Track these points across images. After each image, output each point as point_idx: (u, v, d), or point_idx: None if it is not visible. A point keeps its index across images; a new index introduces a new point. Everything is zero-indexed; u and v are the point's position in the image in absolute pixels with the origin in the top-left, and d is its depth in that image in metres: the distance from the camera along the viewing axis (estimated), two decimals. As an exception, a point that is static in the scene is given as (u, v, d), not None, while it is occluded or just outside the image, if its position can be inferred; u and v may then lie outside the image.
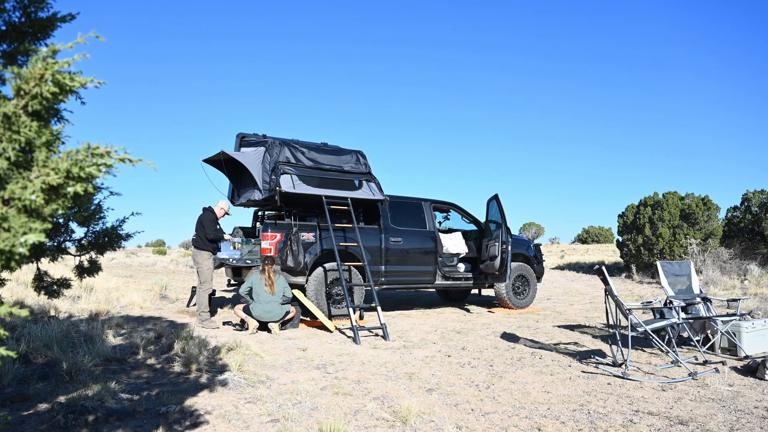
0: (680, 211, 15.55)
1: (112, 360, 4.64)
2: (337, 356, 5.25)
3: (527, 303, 9.33)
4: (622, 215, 17.29)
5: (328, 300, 7.52)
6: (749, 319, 6.00)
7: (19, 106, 1.22)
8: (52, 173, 1.17)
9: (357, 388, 4.09)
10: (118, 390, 3.70)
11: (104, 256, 2.47)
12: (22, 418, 3.14)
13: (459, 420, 3.42)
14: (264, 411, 3.47)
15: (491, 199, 8.95)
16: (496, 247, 8.46)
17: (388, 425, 3.27)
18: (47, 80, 1.21)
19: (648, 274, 15.30)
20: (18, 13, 1.44)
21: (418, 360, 5.16)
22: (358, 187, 8.04)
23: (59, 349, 4.55)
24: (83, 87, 1.24)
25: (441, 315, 8.53)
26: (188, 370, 4.38)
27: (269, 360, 4.95)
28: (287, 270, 7.18)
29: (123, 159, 1.23)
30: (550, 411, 3.62)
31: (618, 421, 3.41)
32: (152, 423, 3.14)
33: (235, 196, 8.47)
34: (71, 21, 1.46)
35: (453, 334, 6.60)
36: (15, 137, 1.21)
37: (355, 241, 7.61)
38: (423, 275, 8.56)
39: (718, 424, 3.37)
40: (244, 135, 7.99)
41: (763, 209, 15.65)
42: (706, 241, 14.98)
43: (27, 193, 1.13)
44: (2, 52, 1.42)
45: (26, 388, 3.70)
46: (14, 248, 1.08)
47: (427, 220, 8.79)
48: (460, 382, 4.36)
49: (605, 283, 4.94)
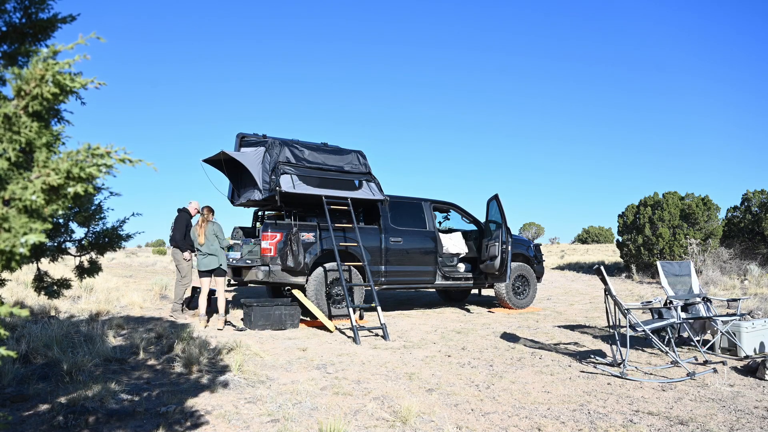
0: (680, 211, 15.55)
1: (113, 360, 4.64)
2: (337, 356, 5.25)
3: (527, 303, 9.33)
4: (622, 215, 17.29)
5: (328, 300, 7.52)
6: (749, 319, 6.00)
7: (19, 106, 1.23)
8: (52, 174, 1.17)
9: (357, 388, 4.09)
10: (118, 390, 3.70)
11: (104, 256, 2.47)
12: (22, 418, 3.14)
13: (459, 420, 3.42)
14: (264, 411, 3.47)
15: (491, 199, 8.95)
16: (496, 247, 8.46)
17: (388, 425, 3.27)
18: (48, 81, 1.22)
19: (648, 274, 15.30)
20: (19, 14, 1.44)
21: (418, 360, 5.16)
22: (358, 187, 8.04)
23: (59, 349, 4.55)
24: (84, 88, 1.25)
25: (441, 315, 8.53)
26: (188, 370, 4.38)
27: (269, 360, 4.96)
28: (287, 270, 7.18)
29: (123, 159, 1.23)
30: (550, 411, 3.62)
31: (618, 421, 3.41)
32: (152, 423, 3.14)
33: (235, 196, 8.47)
34: (72, 22, 1.46)
35: (453, 334, 6.60)
36: (15, 138, 1.22)
37: (355, 241, 7.61)
38: (423, 275, 8.56)
39: (718, 424, 3.37)
40: (244, 135, 7.99)
41: (763, 209, 15.65)
42: (706, 241, 14.98)
43: (27, 194, 1.14)
44: (3, 52, 1.42)
45: (26, 388, 3.70)
46: (15, 248, 1.08)
47: (427, 220, 8.79)
48: (460, 382, 4.37)
49: (604, 283, 4.95)
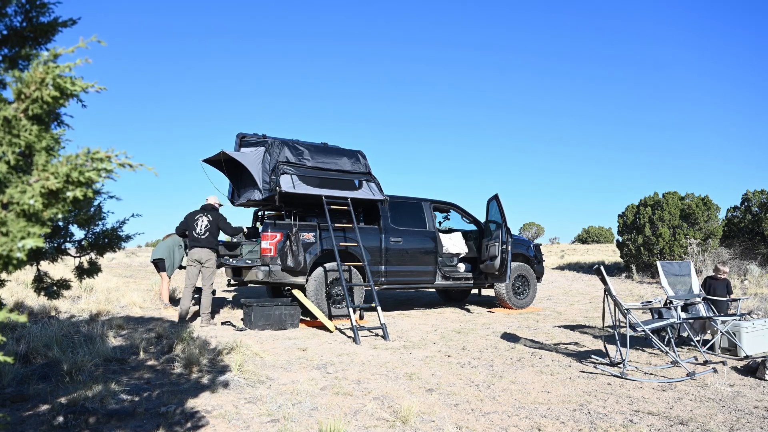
0: (680, 211, 15.55)
1: (113, 360, 4.65)
2: (337, 356, 5.26)
3: (527, 303, 9.33)
4: (622, 215, 17.28)
5: (328, 300, 7.52)
6: (749, 319, 6.00)
7: (19, 109, 1.23)
8: (51, 177, 1.17)
9: (357, 388, 4.10)
10: (118, 390, 3.71)
11: (104, 256, 2.47)
12: (22, 418, 3.15)
13: (459, 420, 3.42)
14: (264, 411, 3.48)
15: (491, 199, 8.95)
16: (496, 247, 8.46)
17: (388, 425, 3.27)
18: (48, 84, 1.22)
19: (648, 274, 15.30)
20: (19, 18, 1.44)
21: (418, 360, 5.16)
22: (358, 187, 8.04)
23: (59, 349, 4.55)
24: (84, 91, 1.25)
25: (441, 315, 8.53)
26: (188, 370, 4.38)
27: (269, 360, 4.96)
28: (287, 270, 7.18)
29: (123, 164, 1.23)
30: (550, 411, 3.63)
31: (618, 421, 3.42)
32: (152, 423, 3.15)
33: (235, 196, 8.47)
34: (72, 26, 1.46)
35: (453, 334, 6.60)
36: (15, 141, 1.22)
37: (355, 241, 7.61)
38: (423, 275, 8.56)
39: (718, 424, 3.38)
40: (244, 135, 7.99)
41: (763, 209, 15.65)
42: (706, 241, 14.98)
43: (26, 198, 1.14)
44: (3, 56, 1.42)
45: (26, 388, 3.71)
46: (12, 253, 1.08)
47: (427, 220, 8.79)
48: (460, 382, 4.37)
49: (604, 283, 4.95)
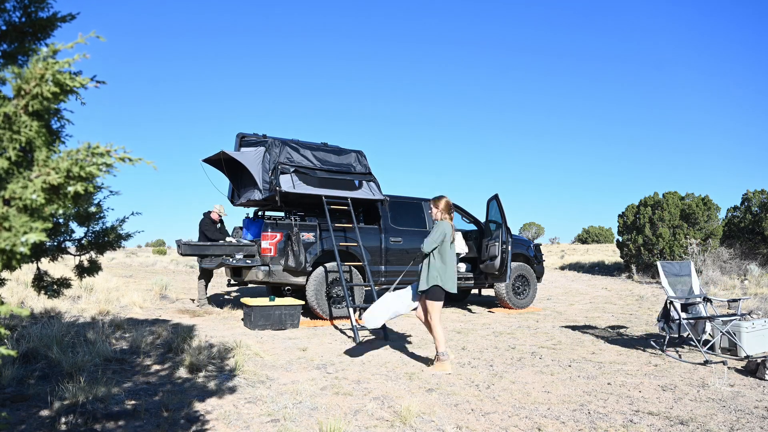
0: (680, 211, 15.55)
1: (113, 360, 4.64)
2: (337, 356, 5.25)
3: (527, 303, 9.32)
4: (622, 215, 17.29)
5: (328, 300, 7.52)
6: (749, 319, 5.99)
7: (19, 106, 1.22)
8: (52, 173, 1.17)
9: (357, 388, 4.09)
10: (118, 390, 3.70)
11: (104, 255, 2.47)
12: (22, 418, 3.14)
13: (459, 420, 3.42)
14: (264, 411, 3.47)
15: (491, 199, 8.95)
16: (496, 247, 8.46)
17: (388, 425, 3.27)
18: (48, 80, 1.22)
19: (648, 274, 15.30)
20: (18, 13, 1.44)
21: (418, 360, 5.16)
22: (358, 187, 8.04)
23: (59, 349, 4.55)
24: (83, 87, 1.25)
25: (441, 315, 8.52)
26: (189, 370, 4.38)
27: (269, 360, 4.96)
28: (287, 270, 7.18)
29: (123, 158, 1.23)
30: (550, 411, 3.62)
31: (618, 421, 3.41)
32: (152, 423, 3.14)
33: (235, 196, 8.48)
34: (71, 21, 1.46)
35: (453, 334, 6.60)
36: (15, 137, 1.22)
37: (355, 241, 7.61)
38: None
39: (718, 424, 3.37)
40: (244, 135, 7.99)
41: (763, 209, 15.65)
42: (706, 241, 14.98)
43: (28, 193, 1.14)
44: (3, 52, 1.42)
45: (26, 388, 3.70)
46: (15, 248, 1.08)
47: (427, 220, 8.79)
48: (460, 382, 4.36)
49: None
